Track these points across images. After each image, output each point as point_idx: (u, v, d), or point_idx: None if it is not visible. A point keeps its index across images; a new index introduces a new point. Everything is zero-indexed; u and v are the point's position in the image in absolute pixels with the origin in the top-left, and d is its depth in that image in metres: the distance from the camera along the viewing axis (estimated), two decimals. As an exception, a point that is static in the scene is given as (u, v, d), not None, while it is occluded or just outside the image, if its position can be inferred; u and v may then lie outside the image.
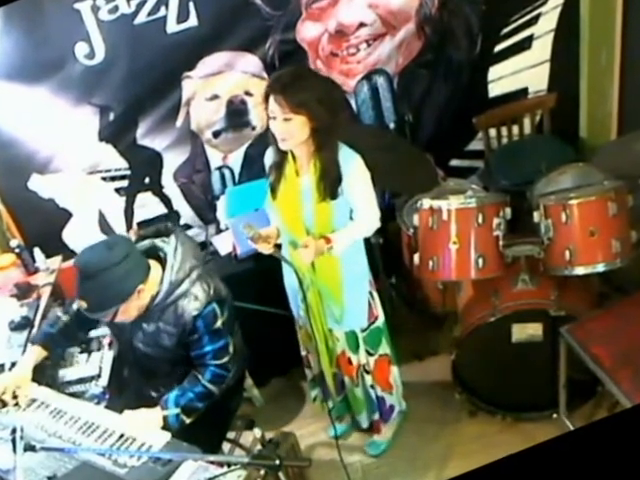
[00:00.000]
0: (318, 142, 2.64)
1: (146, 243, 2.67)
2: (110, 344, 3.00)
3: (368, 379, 3.16)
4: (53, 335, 2.77)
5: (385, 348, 3.14)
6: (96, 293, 2.39)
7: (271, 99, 2.55)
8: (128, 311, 2.49)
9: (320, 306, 2.95)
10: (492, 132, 4.29)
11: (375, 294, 3.05)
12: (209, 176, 4.23)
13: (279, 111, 2.54)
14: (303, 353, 3.28)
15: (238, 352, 2.77)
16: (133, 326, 2.63)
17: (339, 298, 2.92)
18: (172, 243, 2.58)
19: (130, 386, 2.88)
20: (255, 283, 3.45)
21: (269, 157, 2.86)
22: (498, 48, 4.18)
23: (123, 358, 2.88)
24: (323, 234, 2.73)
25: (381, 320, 3.09)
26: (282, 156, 2.76)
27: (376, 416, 3.30)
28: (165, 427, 2.47)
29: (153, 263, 2.56)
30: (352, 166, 2.68)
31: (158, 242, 2.63)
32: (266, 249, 2.70)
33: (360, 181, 2.71)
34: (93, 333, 3.16)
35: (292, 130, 2.57)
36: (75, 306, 2.49)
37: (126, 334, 2.69)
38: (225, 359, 2.60)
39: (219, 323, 2.56)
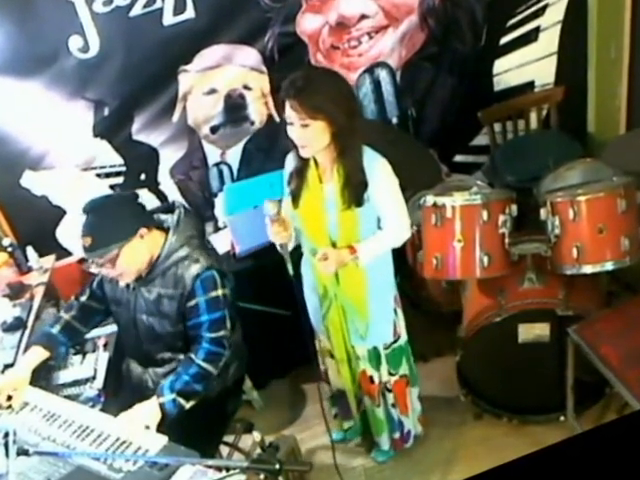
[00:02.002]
0: (340, 147, 2.58)
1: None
2: (105, 345, 3.01)
3: (390, 397, 3.13)
4: (54, 335, 2.80)
5: (405, 369, 3.10)
6: (101, 226, 2.53)
7: (287, 105, 2.48)
8: (131, 258, 2.55)
9: (343, 321, 2.92)
10: (497, 127, 4.29)
11: (399, 311, 3.01)
12: (206, 172, 4.23)
13: (296, 117, 2.47)
14: (322, 368, 3.23)
15: (238, 350, 2.83)
16: (135, 296, 2.71)
17: (364, 312, 2.87)
18: (175, 214, 2.69)
19: (128, 381, 2.89)
20: (254, 283, 3.45)
21: (290, 163, 2.80)
22: (504, 40, 4.18)
23: (125, 338, 2.89)
24: (348, 244, 2.70)
25: (403, 339, 3.05)
26: (304, 162, 2.70)
27: (397, 435, 3.26)
28: (164, 415, 2.49)
29: (157, 231, 2.66)
30: (378, 171, 2.62)
31: (162, 216, 2.75)
32: (279, 235, 2.60)
33: (387, 187, 2.66)
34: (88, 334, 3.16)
35: (311, 136, 2.51)
36: (83, 243, 2.54)
37: (129, 307, 2.74)
38: (221, 333, 2.63)
39: (218, 292, 2.61)
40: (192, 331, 2.65)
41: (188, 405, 2.56)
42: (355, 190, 2.62)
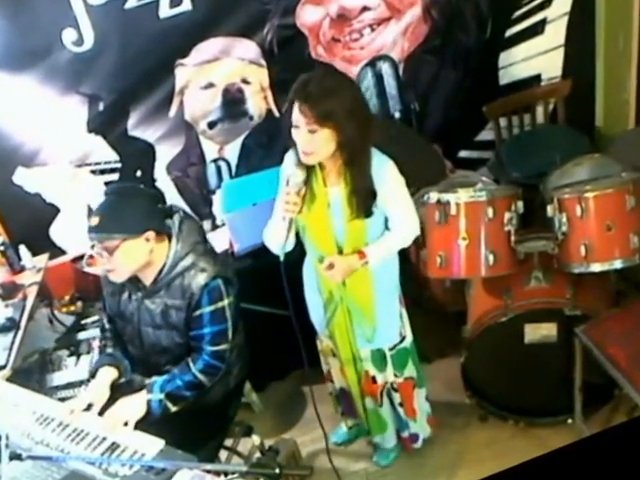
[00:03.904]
0: (347, 157, 2.54)
1: None
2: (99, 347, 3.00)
3: (397, 397, 3.12)
4: (113, 354, 2.80)
5: (411, 371, 3.10)
6: (113, 210, 2.51)
7: (295, 107, 2.44)
8: (128, 256, 2.51)
9: (349, 324, 2.91)
10: (503, 121, 4.28)
11: (404, 312, 3.01)
12: (204, 169, 4.23)
13: (303, 121, 2.42)
14: (325, 368, 3.25)
15: (241, 352, 2.84)
16: (139, 309, 2.68)
17: (371, 315, 2.87)
18: (176, 219, 2.66)
19: (127, 387, 2.88)
20: (253, 282, 3.43)
21: (289, 161, 2.71)
22: (509, 32, 4.17)
23: (130, 351, 2.87)
24: (355, 249, 2.68)
25: (408, 340, 3.05)
26: (307, 166, 2.62)
27: (406, 434, 3.25)
28: (148, 412, 2.51)
29: (165, 241, 2.62)
30: (386, 175, 2.60)
31: None
32: (292, 207, 2.54)
33: (396, 189, 2.65)
34: (82, 335, 3.16)
35: (317, 143, 2.46)
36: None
37: (133, 320, 2.73)
38: (222, 346, 2.63)
39: (224, 302, 2.61)
40: (193, 342, 2.65)
41: (174, 408, 2.57)
42: (363, 200, 2.59)
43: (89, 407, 2.52)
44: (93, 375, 2.71)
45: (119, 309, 2.78)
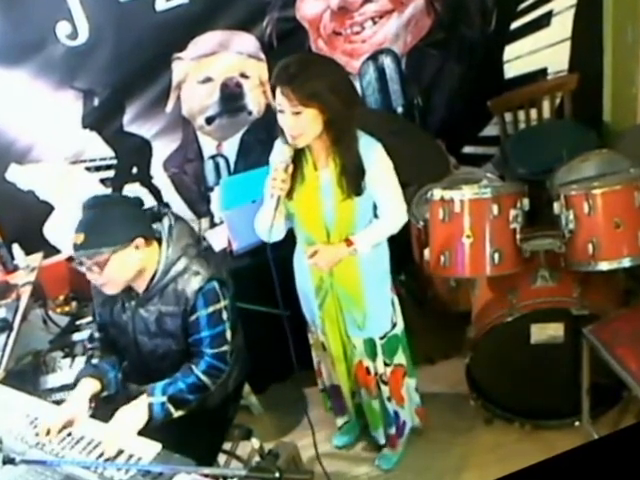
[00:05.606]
0: (334, 135, 2.60)
1: None
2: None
3: (385, 390, 3.15)
4: (98, 365, 2.76)
5: (400, 358, 3.12)
6: (96, 225, 2.48)
7: (278, 91, 2.49)
8: (120, 268, 2.50)
9: (339, 312, 2.95)
10: (508, 116, 4.29)
11: (395, 300, 3.04)
12: (202, 165, 4.22)
13: (287, 104, 2.48)
14: (316, 361, 3.27)
15: (240, 354, 2.83)
16: (133, 318, 2.67)
17: (360, 302, 2.90)
18: (166, 223, 2.64)
19: (124, 390, 2.87)
20: (252, 281, 3.43)
21: (278, 149, 2.76)
22: (515, 25, 4.17)
23: (128, 362, 2.86)
24: (343, 233, 2.73)
25: (399, 328, 3.07)
26: (296, 150, 2.67)
27: (392, 430, 3.27)
28: (150, 417, 2.48)
29: (154, 244, 2.61)
30: (374, 157, 2.65)
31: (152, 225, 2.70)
32: (281, 185, 2.60)
33: (384, 173, 2.70)
34: (77, 336, 3.16)
35: (303, 124, 2.52)
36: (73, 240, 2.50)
37: (128, 330, 2.71)
38: (223, 348, 2.63)
39: (220, 304, 2.60)
40: (193, 347, 2.64)
41: (177, 413, 2.54)
42: (353, 179, 2.64)
43: (70, 424, 2.46)
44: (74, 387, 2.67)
45: (113, 318, 2.75)
